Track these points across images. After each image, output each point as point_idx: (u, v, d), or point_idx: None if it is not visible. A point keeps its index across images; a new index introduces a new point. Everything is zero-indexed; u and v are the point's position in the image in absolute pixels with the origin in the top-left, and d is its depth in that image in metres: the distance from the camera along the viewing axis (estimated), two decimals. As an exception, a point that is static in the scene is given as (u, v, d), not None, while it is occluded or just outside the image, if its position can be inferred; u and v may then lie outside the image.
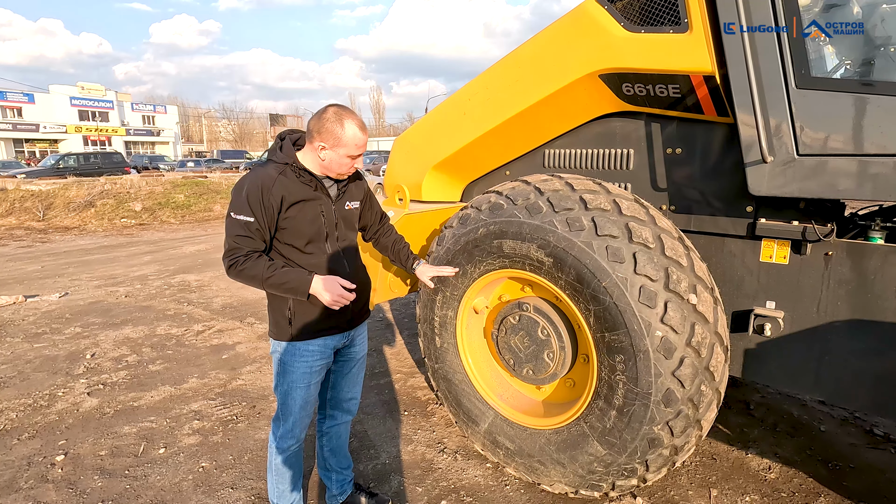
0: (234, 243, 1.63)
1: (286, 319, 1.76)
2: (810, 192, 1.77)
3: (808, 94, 1.73)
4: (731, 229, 2.13)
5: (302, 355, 1.79)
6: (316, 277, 1.66)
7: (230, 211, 1.63)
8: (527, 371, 2.24)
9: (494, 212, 2.18)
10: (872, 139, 1.65)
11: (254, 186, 1.62)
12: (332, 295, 1.65)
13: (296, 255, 1.72)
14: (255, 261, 1.62)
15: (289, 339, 1.77)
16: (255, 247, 1.64)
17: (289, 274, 1.64)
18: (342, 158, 1.68)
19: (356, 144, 1.67)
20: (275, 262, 1.66)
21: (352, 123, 1.65)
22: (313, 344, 1.80)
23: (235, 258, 1.62)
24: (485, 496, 2.29)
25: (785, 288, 2.04)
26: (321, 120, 1.64)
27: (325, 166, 1.70)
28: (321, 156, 1.67)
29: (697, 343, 1.77)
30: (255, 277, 1.62)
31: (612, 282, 1.81)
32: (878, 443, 2.65)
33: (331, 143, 1.64)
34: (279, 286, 1.64)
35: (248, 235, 1.62)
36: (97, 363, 3.85)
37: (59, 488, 2.38)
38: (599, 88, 2.24)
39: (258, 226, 1.63)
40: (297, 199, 1.66)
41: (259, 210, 1.61)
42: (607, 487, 2.04)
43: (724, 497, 2.25)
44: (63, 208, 12.67)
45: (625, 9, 2.12)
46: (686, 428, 1.83)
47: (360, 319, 1.98)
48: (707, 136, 2.11)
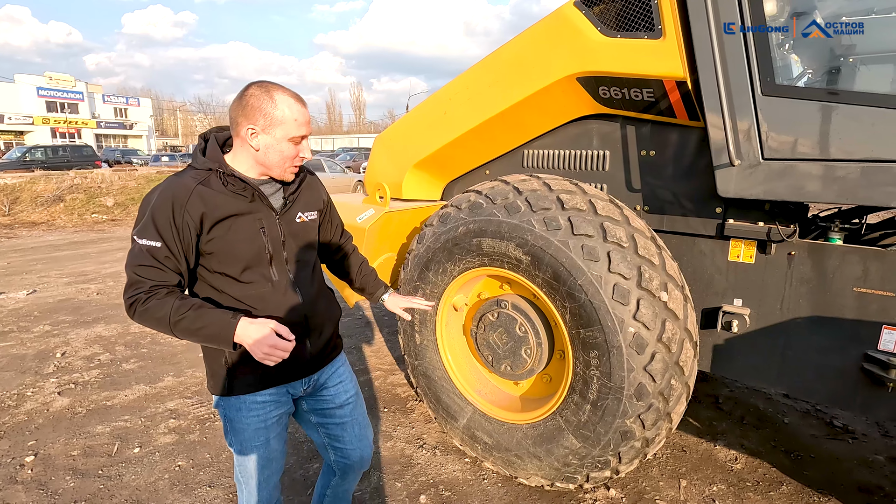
0: (134, 275, 1.24)
1: (223, 368, 1.38)
2: (774, 194, 1.86)
3: (772, 100, 1.81)
4: (701, 229, 2.21)
5: (250, 409, 1.42)
6: (242, 321, 1.23)
7: (133, 233, 1.27)
8: (505, 367, 2.29)
9: (474, 210, 2.21)
10: (833, 145, 1.74)
11: (162, 202, 1.24)
12: (263, 347, 1.22)
13: (230, 285, 1.35)
14: (162, 299, 1.22)
15: (229, 393, 1.40)
16: (162, 280, 1.25)
17: (205, 317, 1.22)
18: (281, 143, 1.32)
19: (295, 119, 1.32)
20: (187, 300, 1.24)
21: (283, 94, 1.31)
22: (262, 394, 1.43)
23: (136, 295, 1.23)
24: (463, 490, 2.33)
25: (751, 286, 2.12)
26: (243, 99, 1.29)
27: (263, 160, 1.34)
28: (254, 144, 1.31)
29: (668, 339, 1.84)
30: (161, 320, 1.22)
31: (587, 280, 1.86)
32: (837, 434, 2.78)
33: (262, 124, 1.29)
34: (193, 333, 1.22)
35: (154, 265, 1.24)
36: (68, 362, 3.76)
37: (30, 489, 2.33)
38: (577, 91, 2.29)
39: (168, 252, 1.25)
40: (223, 215, 1.30)
41: (169, 232, 1.24)
42: (582, 479, 2.10)
43: (692, 487, 2.34)
44: (30, 203, 12.24)
45: (602, 14, 2.18)
46: (657, 421, 1.89)
47: (327, 359, 1.57)
48: (679, 140, 2.18)
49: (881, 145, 1.66)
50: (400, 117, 3.48)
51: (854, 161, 1.71)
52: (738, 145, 1.87)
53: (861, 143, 1.69)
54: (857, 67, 1.83)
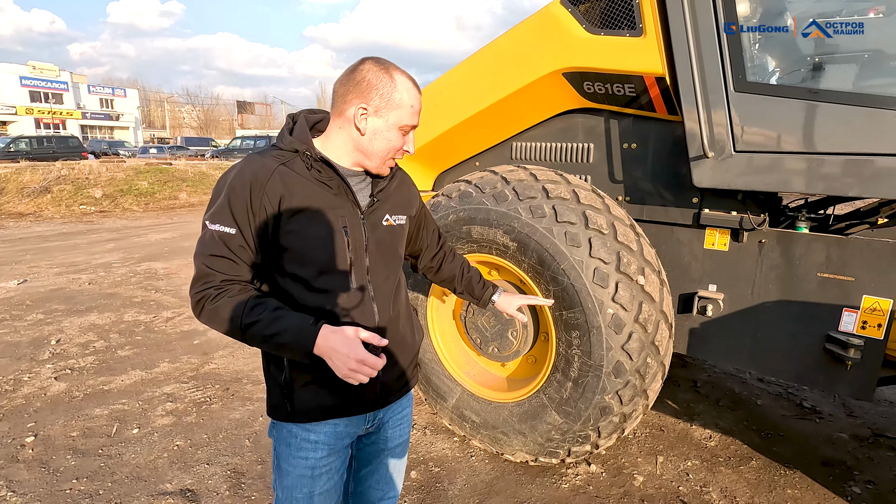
0: (204, 267, 1.08)
1: (279, 388, 1.19)
2: (745, 185, 1.98)
3: (744, 97, 1.93)
4: (678, 219, 2.33)
5: (300, 447, 1.20)
6: (325, 329, 1.06)
7: (205, 217, 1.11)
8: (492, 349, 2.40)
9: (464, 199, 2.31)
10: (800, 139, 1.86)
11: (240, 182, 1.08)
12: (349, 361, 1.03)
13: (302, 291, 1.15)
14: (235, 296, 1.07)
15: (283, 419, 1.20)
16: (235, 274, 1.10)
17: (281, 321, 1.06)
18: (391, 130, 1.14)
19: (412, 106, 1.14)
20: (263, 301, 1.09)
21: (403, 76, 1.14)
22: (317, 431, 1.20)
23: (205, 290, 1.07)
24: (451, 466, 2.44)
25: (725, 272, 2.25)
26: (357, 74, 1.12)
27: (366, 147, 1.15)
28: (361, 127, 1.13)
29: (644, 320, 1.96)
30: (230, 322, 1.06)
31: (569, 264, 1.98)
32: (806, 414, 2.94)
33: (376, 104, 1.11)
34: (265, 340, 1.06)
35: (227, 256, 1.08)
36: (63, 349, 3.80)
37: (31, 467, 2.40)
38: (563, 86, 2.39)
39: (242, 241, 1.09)
40: (305, 205, 1.11)
41: (246, 217, 1.08)
42: (563, 454, 2.22)
43: (668, 462, 2.47)
44: (16, 194, 12.11)
45: (587, 12, 2.28)
46: (633, 397, 2.02)
47: (399, 393, 1.33)
48: (659, 133, 2.30)
49: (843, 140, 1.78)
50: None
51: (819, 154, 1.83)
52: (711, 138, 1.99)
53: (825, 137, 1.81)
54: (823, 67, 1.96)
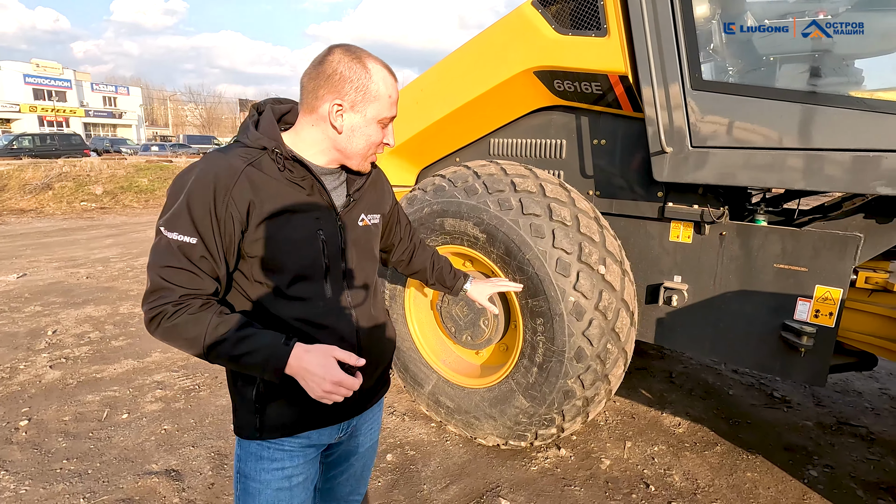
0: (160, 280, 0.96)
1: (251, 404, 1.09)
2: (702, 179, 2.07)
3: (700, 94, 2.01)
4: (645, 212, 2.41)
5: (273, 459, 1.12)
6: (298, 348, 0.98)
7: (160, 223, 0.99)
8: (466, 337, 2.49)
9: (438, 193, 2.41)
10: (752, 134, 1.95)
11: (202, 185, 0.97)
12: (323, 384, 0.96)
13: (274, 301, 1.07)
14: (196, 313, 0.97)
15: (253, 437, 1.11)
16: (196, 287, 0.98)
17: (252, 339, 0.97)
18: (371, 125, 1.06)
19: (390, 96, 1.06)
20: (228, 317, 0.99)
21: (378, 64, 1.04)
22: (291, 442, 1.13)
23: (161, 306, 0.95)
24: (427, 450, 2.54)
25: (689, 264, 2.34)
26: (327, 66, 1.01)
27: (345, 145, 1.07)
28: (338, 124, 1.04)
29: (604, 307, 2.05)
30: (192, 342, 0.97)
31: (533, 254, 2.07)
32: (775, 403, 3.03)
33: (352, 100, 1.03)
34: (235, 359, 0.97)
35: (187, 268, 0.97)
36: (59, 339, 3.92)
37: (24, 449, 2.51)
38: (535, 84, 2.48)
39: (205, 251, 0.98)
40: (277, 209, 1.02)
41: (209, 225, 0.97)
42: (531, 437, 2.32)
43: (636, 447, 2.57)
44: (18, 190, 12.25)
45: (556, 13, 2.37)
46: (595, 381, 2.11)
47: (375, 399, 1.29)
48: (625, 130, 2.38)
49: (792, 135, 1.87)
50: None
51: (770, 149, 1.92)
52: (670, 134, 2.08)
53: (776, 133, 1.90)
54: (773, 66, 2.04)
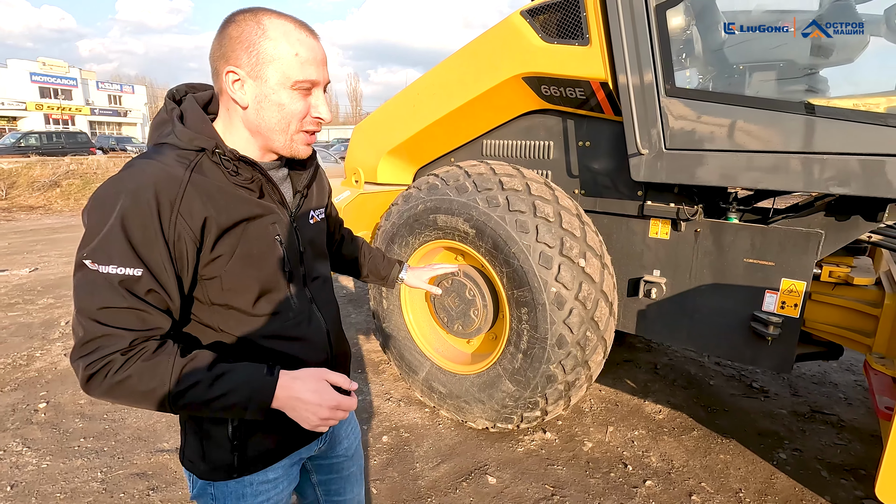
0: (98, 325, 0.77)
1: (225, 441, 0.96)
2: (676, 178, 2.22)
3: (674, 101, 2.16)
4: (627, 210, 2.57)
5: (258, 492, 1.01)
6: (284, 377, 0.87)
7: (83, 256, 0.78)
8: (457, 326, 2.66)
9: (431, 191, 2.57)
10: (721, 138, 2.10)
11: (140, 202, 0.79)
12: (321, 411, 0.86)
13: (238, 323, 0.93)
14: (151, 359, 0.79)
15: (232, 476, 0.98)
16: (148, 327, 0.81)
17: (228, 377, 0.83)
18: (279, 92, 0.87)
19: (297, 55, 0.86)
20: (195, 356, 0.83)
21: (278, 19, 0.86)
22: (274, 469, 1.03)
23: (106, 357, 0.77)
24: (420, 433, 2.70)
25: (667, 259, 2.50)
26: (222, 33, 0.86)
27: (257, 124, 0.90)
28: (240, 98, 0.87)
29: (584, 297, 2.21)
30: (150, 393, 0.79)
31: (518, 248, 2.23)
32: (754, 393, 3.18)
33: (248, 64, 0.85)
34: (209, 403, 0.82)
35: (133, 306, 0.79)
36: (71, 329, 4.09)
37: (44, 428, 2.69)
38: (523, 89, 2.64)
39: (153, 282, 0.81)
40: (233, 221, 0.88)
41: (154, 250, 0.80)
42: (517, 420, 2.48)
43: (617, 432, 2.72)
44: (27, 187, 12.48)
45: (544, 23, 2.52)
46: (575, 367, 2.27)
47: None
48: (607, 132, 2.54)
49: (756, 139, 2.02)
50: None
51: (738, 151, 2.08)
52: (646, 137, 2.24)
53: (742, 137, 2.05)
54: (742, 75, 2.20)
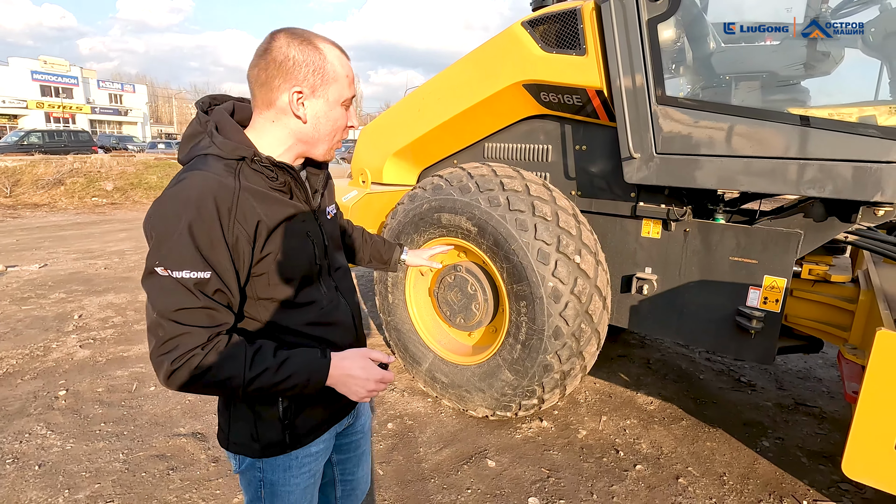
0: (177, 325, 0.88)
1: (278, 424, 1.06)
2: (666, 181, 2.37)
3: (664, 108, 2.31)
4: (620, 210, 2.72)
5: (303, 464, 1.12)
6: (335, 358, 1.00)
7: (155, 264, 0.88)
8: (459, 320, 2.80)
9: (436, 191, 2.72)
10: (708, 144, 2.25)
11: (203, 212, 0.88)
12: (368, 384, 1.01)
13: (282, 314, 1.04)
14: (225, 349, 0.91)
15: (283, 452, 1.09)
16: (218, 323, 0.92)
17: (290, 362, 0.95)
18: (335, 109, 1.01)
19: (347, 75, 1.01)
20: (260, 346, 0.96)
21: (328, 43, 0.99)
22: (318, 443, 1.15)
23: (188, 353, 0.88)
24: (423, 420, 2.84)
25: (658, 257, 2.64)
26: (275, 52, 0.95)
27: (311, 136, 1.02)
28: (301, 114, 0.98)
29: (579, 292, 2.36)
30: (230, 380, 0.91)
31: (518, 245, 2.38)
32: (741, 387, 3.33)
33: (312, 84, 0.97)
34: (275, 386, 0.94)
35: (206, 306, 0.90)
36: (85, 322, 4.23)
37: (65, 414, 2.83)
38: (524, 95, 2.79)
39: (220, 283, 0.91)
40: (277, 221, 0.98)
41: (218, 254, 0.90)
42: (516, 408, 2.62)
43: (610, 421, 2.87)
44: (31, 185, 12.60)
45: (543, 33, 2.68)
46: (570, 357, 2.41)
47: None
48: (603, 137, 2.69)
49: (740, 145, 2.17)
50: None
51: (723, 156, 2.22)
52: (638, 142, 2.39)
53: (728, 142, 2.20)
54: (727, 85, 2.35)
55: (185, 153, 1.00)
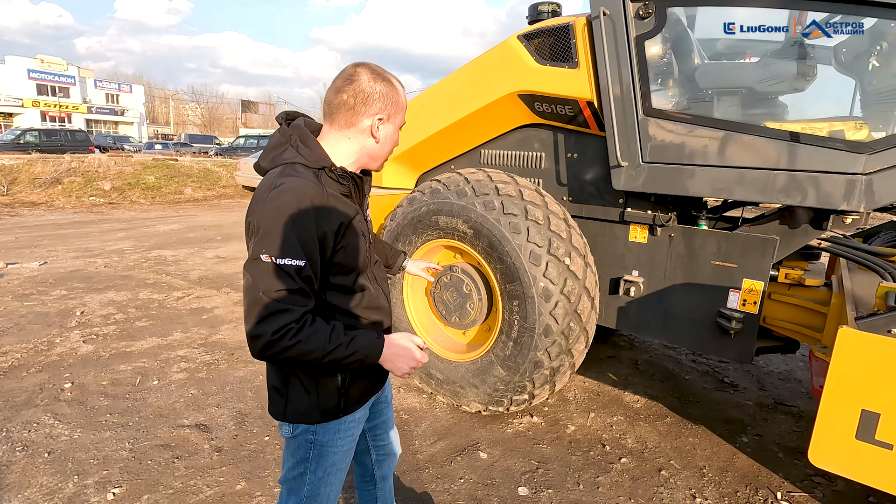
0: (278, 303, 1.07)
1: (336, 394, 1.27)
2: (651, 188, 2.51)
3: (651, 120, 2.46)
4: (609, 216, 2.86)
5: (348, 428, 1.33)
6: (387, 340, 1.24)
7: (262, 252, 1.07)
8: (454, 319, 2.92)
9: (434, 195, 2.84)
10: (691, 153, 2.39)
11: (304, 211, 1.09)
12: (411, 362, 1.25)
13: (343, 297, 1.25)
14: (313, 327, 1.11)
15: (337, 416, 1.29)
16: (307, 305, 1.12)
17: (356, 340, 1.17)
18: (396, 132, 1.28)
19: (406, 106, 1.30)
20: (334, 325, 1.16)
21: (397, 81, 1.26)
22: (362, 410, 1.37)
23: (285, 327, 1.07)
24: (418, 415, 2.96)
25: (644, 260, 2.78)
26: (361, 84, 1.18)
27: (377, 153, 1.27)
28: (378, 135, 1.23)
29: (568, 292, 2.49)
30: (314, 352, 1.11)
31: (511, 247, 2.50)
32: (724, 387, 3.46)
33: (388, 112, 1.22)
34: (344, 358, 1.15)
35: (301, 287, 1.10)
36: (87, 318, 4.32)
37: (71, 405, 2.92)
38: (518, 105, 2.93)
39: (310, 271, 1.11)
40: (348, 220, 1.19)
41: (312, 247, 1.11)
42: (507, 403, 2.74)
43: (598, 417, 2.99)
44: (28, 184, 12.63)
45: (538, 46, 2.82)
46: (559, 354, 2.54)
47: None
48: (593, 146, 2.83)
49: (720, 155, 2.31)
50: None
51: (706, 166, 2.37)
52: (625, 151, 2.52)
53: (708, 153, 2.34)
54: (710, 99, 2.49)
55: (268, 160, 1.21)
